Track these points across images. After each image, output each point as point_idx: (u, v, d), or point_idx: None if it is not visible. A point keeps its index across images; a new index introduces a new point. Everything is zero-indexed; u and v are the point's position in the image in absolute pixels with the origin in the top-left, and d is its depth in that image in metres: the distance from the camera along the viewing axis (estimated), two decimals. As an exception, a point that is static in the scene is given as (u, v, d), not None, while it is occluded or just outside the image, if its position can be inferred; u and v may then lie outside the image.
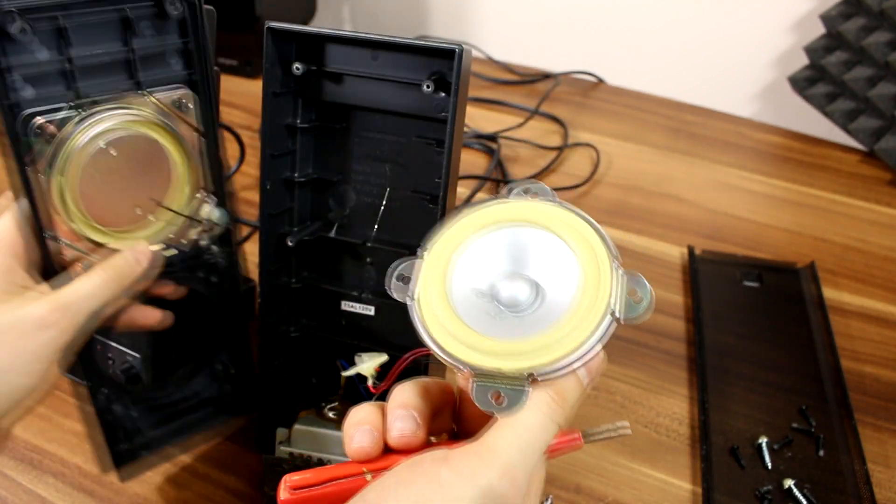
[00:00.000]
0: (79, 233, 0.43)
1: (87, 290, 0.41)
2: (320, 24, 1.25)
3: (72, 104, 0.40)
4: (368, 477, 0.33)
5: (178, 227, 0.46)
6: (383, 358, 0.45)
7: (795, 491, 0.51)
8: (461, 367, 0.33)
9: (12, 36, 0.37)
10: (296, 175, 0.49)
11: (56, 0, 0.38)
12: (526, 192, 0.38)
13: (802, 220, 0.80)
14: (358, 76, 0.46)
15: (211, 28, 0.43)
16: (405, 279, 0.36)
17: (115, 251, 0.44)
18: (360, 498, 0.31)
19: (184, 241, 0.47)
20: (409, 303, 0.35)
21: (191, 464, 0.53)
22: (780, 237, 0.77)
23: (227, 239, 0.49)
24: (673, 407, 0.59)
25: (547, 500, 0.51)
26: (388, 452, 0.35)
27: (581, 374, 0.33)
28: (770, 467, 0.53)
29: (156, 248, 0.44)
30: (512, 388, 0.32)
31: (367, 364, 0.44)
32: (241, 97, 0.96)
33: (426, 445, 0.35)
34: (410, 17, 1.42)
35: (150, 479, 0.52)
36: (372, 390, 0.43)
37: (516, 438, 0.31)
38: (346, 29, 1.41)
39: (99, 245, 0.44)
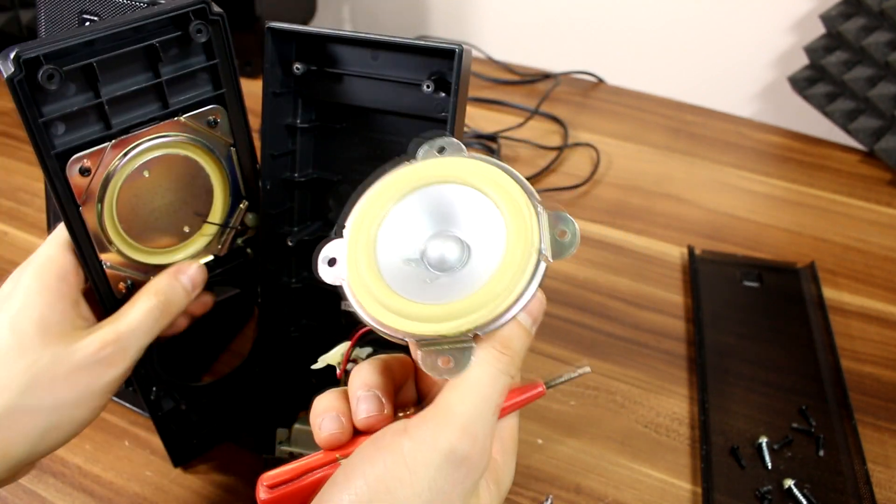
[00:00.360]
0: (133, 259, 0.44)
1: (138, 322, 0.40)
2: (320, 24, 1.25)
3: (108, 137, 0.40)
4: (342, 463, 0.33)
5: (224, 237, 0.47)
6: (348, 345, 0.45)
7: (795, 491, 0.51)
8: (402, 338, 0.32)
9: (40, 84, 0.36)
10: (296, 175, 0.49)
11: (81, 39, 0.37)
12: (438, 150, 0.37)
13: (802, 220, 0.80)
14: (358, 76, 0.46)
15: (231, 35, 0.43)
16: (332, 261, 0.35)
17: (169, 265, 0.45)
18: (330, 483, 0.32)
19: (220, 247, 0.48)
20: (340, 284, 0.34)
21: (191, 463, 0.53)
22: (780, 237, 0.77)
23: (254, 239, 0.49)
24: (673, 407, 0.59)
25: (547, 500, 0.51)
26: (358, 435, 0.35)
27: (522, 319, 0.33)
28: (770, 467, 0.53)
29: (202, 264, 0.45)
30: (457, 349, 0.32)
31: (334, 352, 0.44)
32: (241, 97, 0.96)
33: (394, 421, 0.35)
34: (410, 17, 1.42)
35: (150, 479, 0.52)
36: (338, 377, 0.43)
37: (469, 396, 0.31)
38: (346, 29, 1.40)
39: (154, 266, 0.45)
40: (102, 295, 0.42)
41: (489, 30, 1.35)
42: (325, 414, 0.35)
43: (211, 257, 0.47)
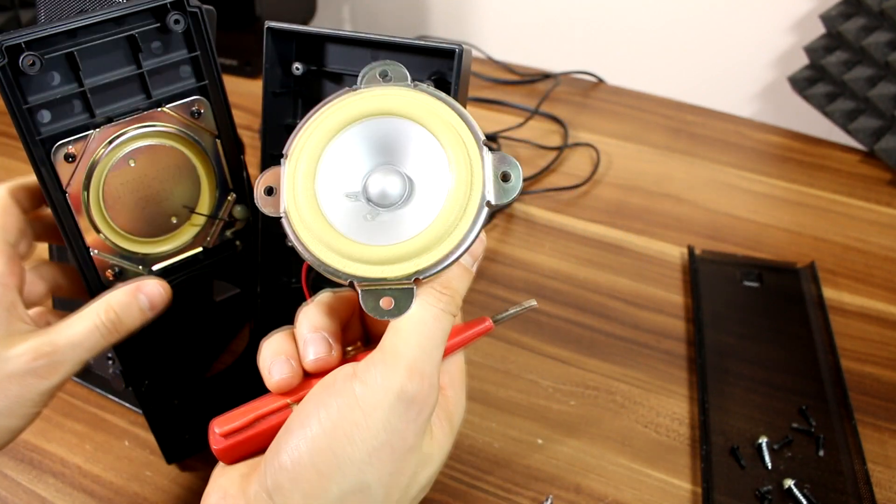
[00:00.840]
0: (121, 247, 0.44)
1: (79, 338, 0.38)
2: (320, 24, 1.25)
3: (92, 125, 0.41)
4: (294, 407, 0.33)
5: (211, 228, 0.47)
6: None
7: (795, 491, 0.51)
8: (344, 279, 0.32)
9: (22, 70, 0.37)
10: (296, 175, 0.49)
11: (62, 28, 0.38)
12: (382, 76, 0.36)
13: (802, 220, 0.80)
14: (358, 76, 0.46)
15: (211, 28, 0.43)
16: (270, 190, 0.34)
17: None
18: (285, 430, 0.32)
19: (209, 240, 0.48)
20: (280, 217, 0.34)
21: (191, 463, 0.53)
22: (780, 237, 0.77)
23: (248, 232, 0.50)
24: (673, 407, 0.59)
25: (547, 500, 0.51)
26: (308, 378, 0.35)
27: (464, 260, 0.34)
28: (770, 467, 0.53)
29: (165, 283, 0.43)
30: (399, 291, 0.32)
31: None
32: (241, 97, 0.96)
33: (343, 361, 0.35)
34: (410, 17, 1.42)
35: (150, 479, 0.52)
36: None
37: (414, 337, 0.32)
38: (346, 29, 1.40)
39: (143, 255, 0.45)
40: (89, 281, 0.43)
41: (489, 30, 1.35)
42: (274, 358, 0.35)
43: (200, 249, 0.48)
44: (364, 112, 0.35)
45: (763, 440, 0.54)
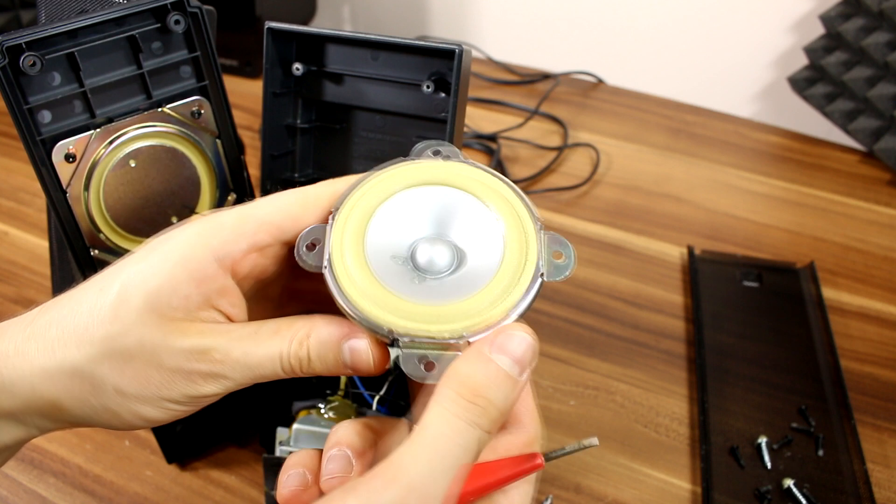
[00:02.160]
0: (122, 248, 0.44)
1: (254, 361, 0.32)
2: (320, 24, 1.25)
3: (92, 126, 0.41)
4: None
5: None
6: None
7: (795, 490, 0.51)
8: (385, 334, 0.30)
9: (23, 70, 0.38)
10: (296, 175, 0.49)
11: (63, 29, 0.39)
12: (436, 153, 0.35)
13: (802, 220, 0.80)
14: (358, 76, 0.46)
15: (211, 28, 0.44)
16: (312, 245, 0.33)
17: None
18: None
19: None
20: (323, 268, 0.32)
21: (191, 463, 0.53)
22: (779, 237, 0.77)
23: None
24: (673, 407, 0.59)
25: (547, 500, 0.51)
26: None
27: (504, 364, 0.29)
28: (770, 467, 0.53)
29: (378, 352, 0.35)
30: (442, 352, 0.29)
31: None
32: (241, 97, 0.96)
33: None
34: (410, 17, 1.42)
35: (150, 479, 0.52)
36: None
37: (424, 452, 0.27)
38: (346, 29, 1.41)
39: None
40: None
41: (489, 30, 1.35)
42: (291, 469, 0.32)
43: None
44: (419, 179, 0.34)
45: (763, 440, 0.54)
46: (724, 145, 0.92)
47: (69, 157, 0.41)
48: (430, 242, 0.32)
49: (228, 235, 0.32)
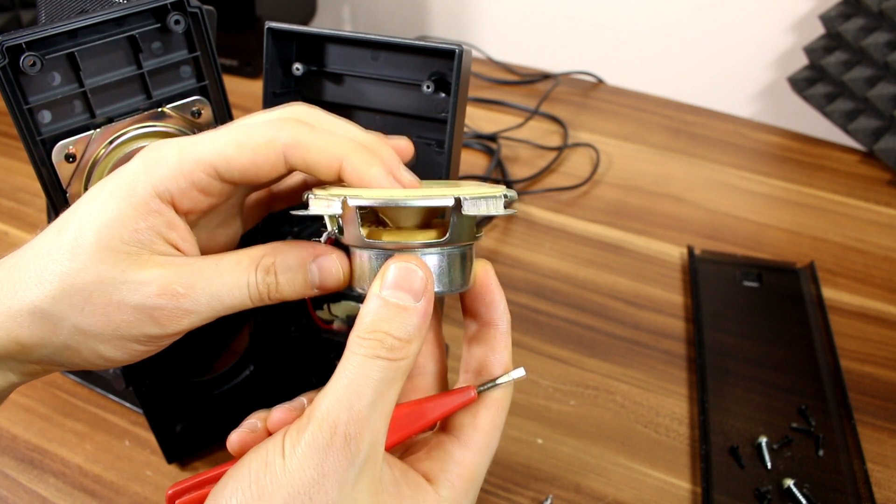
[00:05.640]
0: None
1: (221, 290, 0.33)
2: (320, 24, 1.25)
3: (92, 125, 0.41)
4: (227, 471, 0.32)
5: None
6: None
7: (795, 490, 0.51)
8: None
9: (23, 70, 0.38)
10: (296, 175, 0.49)
11: (63, 29, 0.39)
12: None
13: (802, 220, 0.80)
14: (358, 76, 0.46)
15: (211, 28, 0.44)
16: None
17: None
18: (215, 490, 0.31)
19: None
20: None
21: (191, 462, 0.53)
22: (779, 237, 0.77)
23: (248, 231, 0.50)
24: (673, 407, 0.59)
25: (547, 500, 0.52)
26: None
27: (393, 296, 0.30)
28: (770, 467, 0.53)
29: (345, 260, 0.36)
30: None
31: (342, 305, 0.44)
32: (241, 97, 0.96)
33: None
34: (410, 17, 1.42)
35: (150, 479, 0.52)
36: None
37: (332, 385, 0.29)
38: (346, 29, 1.41)
39: None
40: None
41: (489, 30, 1.35)
42: (246, 421, 0.34)
43: None
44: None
45: (763, 440, 0.54)
46: (724, 145, 0.92)
47: (69, 157, 0.41)
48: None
49: (167, 172, 0.32)
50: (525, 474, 0.53)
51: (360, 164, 0.32)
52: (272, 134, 0.33)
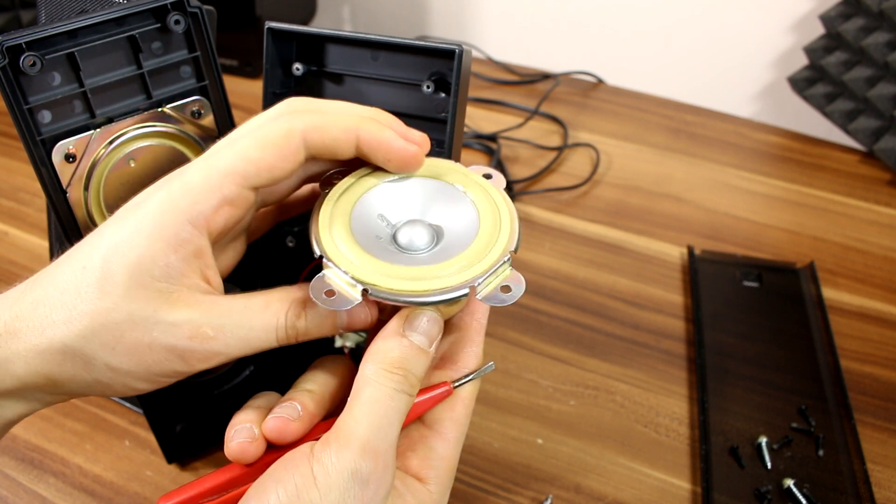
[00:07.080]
0: None
1: (250, 334, 0.33)
2: (320, 24, 1.25)
3: (92, 126, 0.41)
4: (253, 484, 0.32)
5: None
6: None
7: (795, 490, 0.51)
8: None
9: (23, 70, 0.38)
10: (296, 175, 0.49)
11: (63, 29, 0.39)
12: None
13: (802, 220, 0.80)
14: (358, 76, 0.46)
15: (211, 28, 0.44)
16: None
17: None
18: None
19: None
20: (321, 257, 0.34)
21: (191, 463, 0.53)
22: (779, 237, 0.77)
23: None
24: (673, 407, 0.59)
25: (547, 500, 0.52)
26: (271, 452, 0.34)
27: (417, 340, 0.33)
28: (770, 467, 0.53)
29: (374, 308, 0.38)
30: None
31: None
32: (241, 97, 0.96)
33: (317, 428, 0.35)
34: (410, 17, 1.42)
35: (150, 479, 0.52)
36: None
37: (366, 416, 0.31)
38: (346, 29, 1.41)
39: None
40: None
41: (489, 30, 1.35)
42: (238, 425, 0.34)
43: None
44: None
45: (763, 440, 0.54)
46: (724, 145, 0.92)
47: (69, 157, 0.41)
48: (410, 225, 0.35)
49: (198, 195, 0.32)
50: (525, 474, 0.53)
51: (375, 129, 0.34)
52: (287, 125, 0.34)
